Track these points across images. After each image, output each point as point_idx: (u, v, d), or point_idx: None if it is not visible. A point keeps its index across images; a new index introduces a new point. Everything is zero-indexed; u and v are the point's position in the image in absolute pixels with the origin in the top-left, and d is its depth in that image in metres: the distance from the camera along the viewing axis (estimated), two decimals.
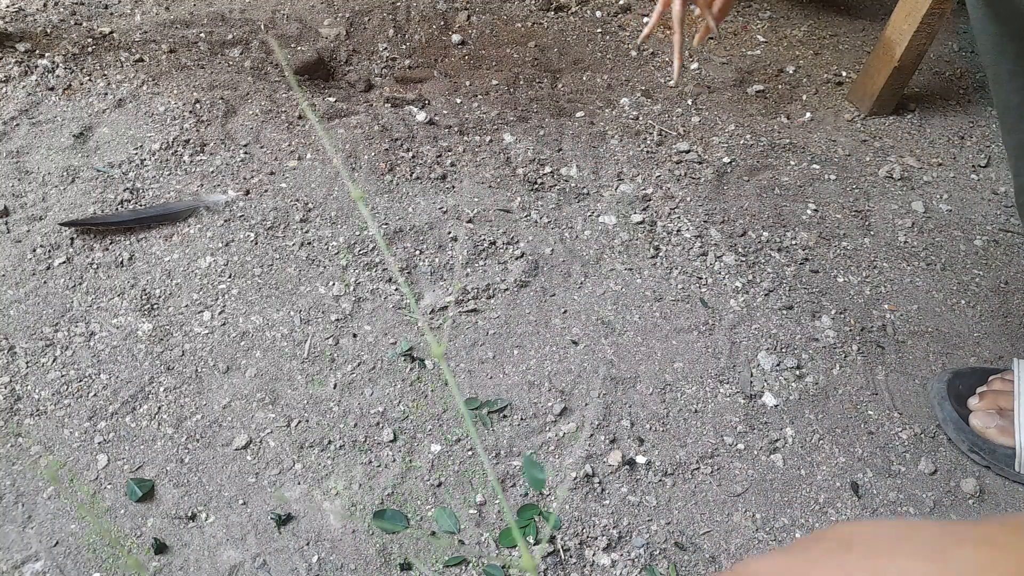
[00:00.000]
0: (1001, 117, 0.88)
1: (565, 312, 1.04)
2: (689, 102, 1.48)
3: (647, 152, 1.33)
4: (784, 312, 1.07)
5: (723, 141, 1.37)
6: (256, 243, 1.08)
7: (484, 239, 1.12)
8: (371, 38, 1.55)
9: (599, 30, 1.67)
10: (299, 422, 0.89)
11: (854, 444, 0.92)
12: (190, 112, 1.28)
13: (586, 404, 0.93)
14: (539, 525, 0.82)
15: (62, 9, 1.53)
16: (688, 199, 1.24)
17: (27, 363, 0.92)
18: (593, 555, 0.80)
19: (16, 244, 1.05)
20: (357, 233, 1.11)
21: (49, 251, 1.04)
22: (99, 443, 0.85)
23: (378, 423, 0.90)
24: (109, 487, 0.82)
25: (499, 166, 1.26)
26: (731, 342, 1.02)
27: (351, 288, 1.04)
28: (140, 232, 1.09)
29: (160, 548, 0.77)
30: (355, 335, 0.99)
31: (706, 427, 0.92)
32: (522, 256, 1.10)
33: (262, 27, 1.53)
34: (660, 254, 1.14)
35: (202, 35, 1.49)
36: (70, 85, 1.32)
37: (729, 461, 0.89)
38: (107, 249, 1.06)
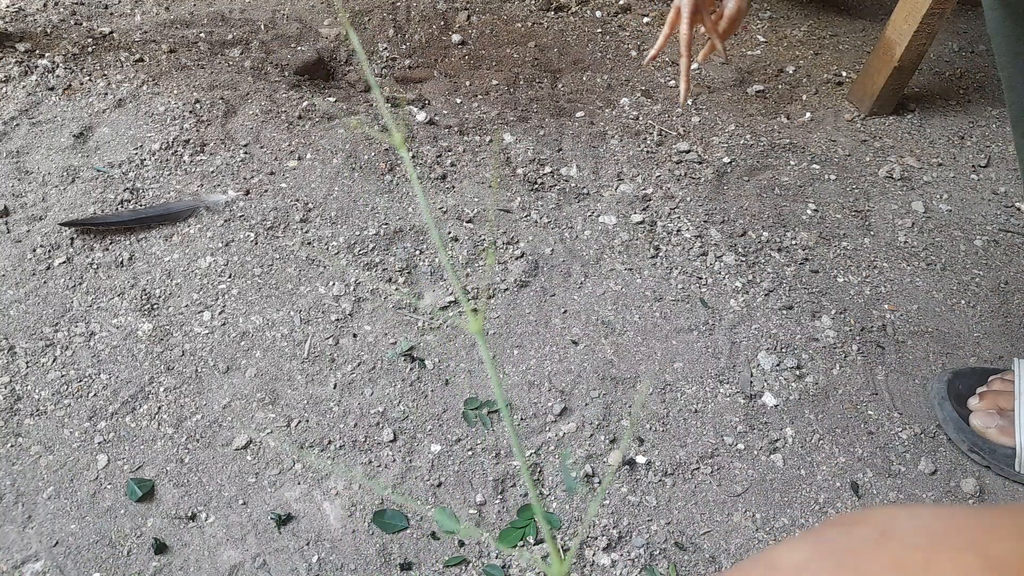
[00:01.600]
0: (1014, 123, 0.86)
1: (565, 312, 1.04)
2: (689, 102, 1.48)
3: (647, 152, 1.33)
4: (784, 312, 1.07)
5: (723, 141, 1.37)
6: (256, 243, 1.08)
7: (484, 239, 1.12)
8: (371, 38, 1.55)
9: (599, 30, 1.67)
10: (299, 422, 0.89)
11: (854, 444, 0.92)
12: (190, 112, 1.28)
13: (586, 404, 0.93)
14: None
15: (62, 9, 1.53)
16: (688, 199, 1.24)
17: (27, 363, 0.92)
18: (593, 555, 0.80)
19: (16, 244, 1.05)
20: (357, 233, 1.11)
21: (49, 251, 1.04)
22: (99, 443, 0.85)
23: (378, 423, 0.90)
24: (109, 487, 0.82)
25: (499, 166, 1.26)
26: (731, 342, 1.02)
27: (351, 288, 1.04)
28: (140, 232, 1.09)
29: (160, 548, 0.77)
30: (355, 335, 0.99)
31: (706, 427, 0.92)
32: (522, 256, 1.10)
33: (262, 27, 1.53)
34: (660, 254, 1.14)
35: (202, 35, 1.49)
36: (70, 85, 1.32)
37: (729, 461, 0.89)
38: (107, 249, 1.06)
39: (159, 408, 0.89)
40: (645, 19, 1.73)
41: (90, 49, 1.41)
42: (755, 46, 1.68)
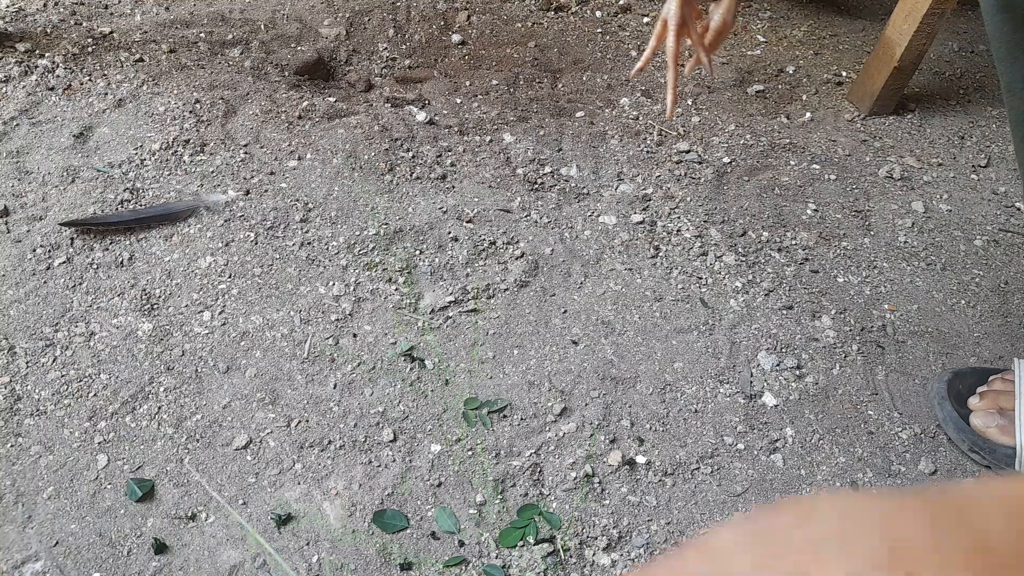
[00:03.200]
0: (1013, 127, 0.86)
1: (565, 312, 1.04)
2: (689, 102, 1.48)
3: (647, 152, 1.33)
4: (784, 312, 1.07)
5: (723, 141, 1.37)
6: (256, 243, 1.08)
7: (484, 239, 1.12)
8: (371, 38, 1.55)
9: (599, 30, 1.67)
10: (299, 422, 0.89)
11: (854, 444, 0.92)
12: (190, 112, 1.28)
13: (586, 404, 0.93)
14: (539, 525, 0.82)
15: (62, 9, 1.53)
16: (688, 199, 1.24)
17: (27, 363, 0.92)
18: (593, 555, 0.80)
19: (16, 244, 1.05)
20: (357, 233, 1.11)
21: (49, 251, 1.04)
22: (99, 443, 0.85)
23: (378, 423, 0.90)
24: (109, 487, 0.82)
25: (499, 166, 1.26)
26: (731, 342, 1.02)
27: (351, 288, 1.04)
28: (140, 232, 1.09)
29: (160, 548, 0.77)
30: (355, 335, 0.99)
31: (706, 427, 0.92)
32: (522, 256, 1.10)
33: (262, 27, 1.53)
34: (660, 254, 1.14)
35: (202, 35, 1.49)
36: (70, 85, 1.32)
37: (729, 461, 0.89)
38: (107, 249, 1.06)
39: (159, 408, 0.89)
40: (645, 19, 1.73)
41: (90, 49, 1.41)
42: (755, 46, 1.68)
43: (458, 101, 1.41)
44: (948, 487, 0.19)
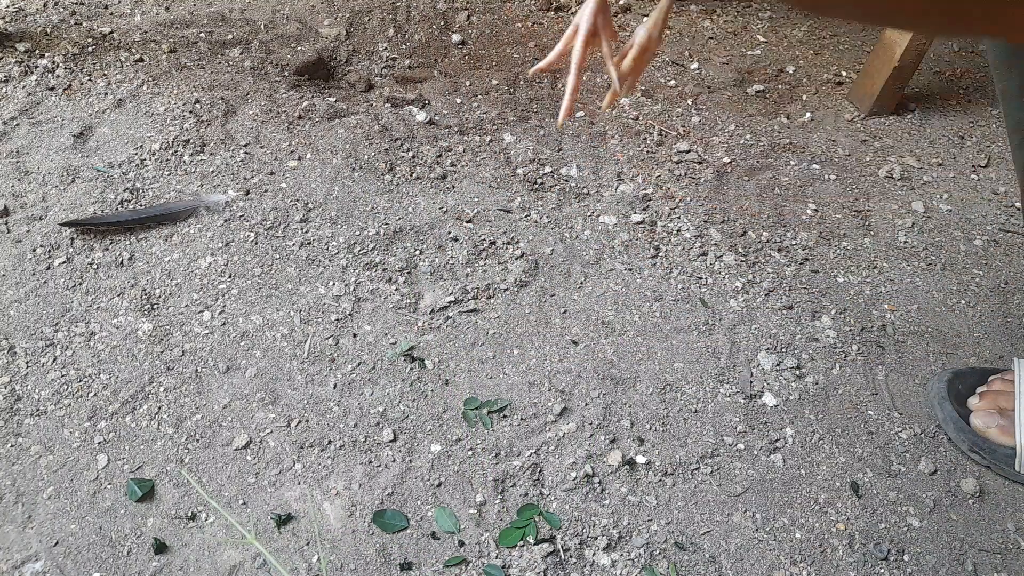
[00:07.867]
0: (1010, 133, 0.86)
1: (565, 312, 1.04)
2: (689, 102, 1.48)
3: (647, 152, 1.33)
4: (784, 312, 1.07)
5: (723, 141, 1.37)
6: (256, 243, 1.08)
7: (484, 239, 1.12)
8: (371, 38, 1.55)
9: None
10: (299, 422, 0.89)
11: (854, 444, 0.92)
12: (190, 112, 1.28)
13: (586, 404, 0.93)
14: (539, 525, 0.82)
15: (62, 9, 1.53)
16: (688, 199, 1.24)
17: (27, 363, 0.92)
18: (593, 555, 0.80)
19: (16, 244, 1.05)
20: (357, 233, 1.11)
21: (49, 251, 1.04)
22: (99, 443, 0.85)
23: (378, 423, 0.90)
24: (109, 487, 0.82)
25: (499, 166, 1.26)
26: (731, 342, 1.02)
27: (351, 288, 1.04)
28: (140, 232, 1.09)
29: (160, 548, 0.77)
30: (355, 335, 0.99)
31: (706, 427, 0.92)
32: (522, 256, 1.10)
33: (262, 27, 1.53)
34: (660, 254, 1.14)
35: (202, 35, 1.49)
36: (70, 85, 1.32)
37: (729, 461, 0.89)
38: (107, 249, 1.06)
39: (159, 408, 0.89)
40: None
41: (90, 49, 1.41)
42: (755, 46, 1.68)
43: (458, 101, 1.41)
44: None
